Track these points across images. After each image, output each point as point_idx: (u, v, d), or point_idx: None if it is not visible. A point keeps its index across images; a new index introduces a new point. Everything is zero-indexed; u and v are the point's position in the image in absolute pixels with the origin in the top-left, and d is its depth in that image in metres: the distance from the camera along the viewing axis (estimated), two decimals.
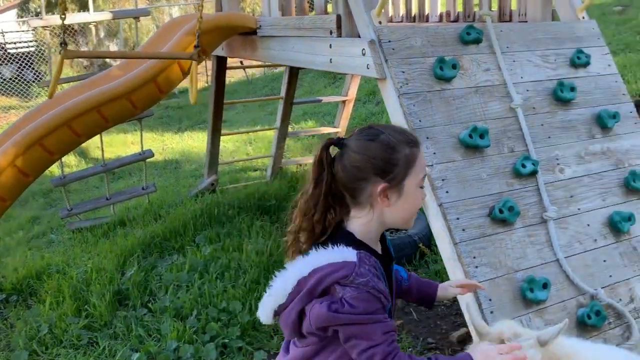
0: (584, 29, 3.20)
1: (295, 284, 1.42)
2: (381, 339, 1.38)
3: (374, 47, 2.54)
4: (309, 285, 1.40)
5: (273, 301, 1.47)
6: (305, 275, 1.41)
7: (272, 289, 1.48)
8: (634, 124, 3.04)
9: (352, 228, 1.49)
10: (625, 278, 2.57)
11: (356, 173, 1.45)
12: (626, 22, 8.60)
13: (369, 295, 1.37)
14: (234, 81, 13.81)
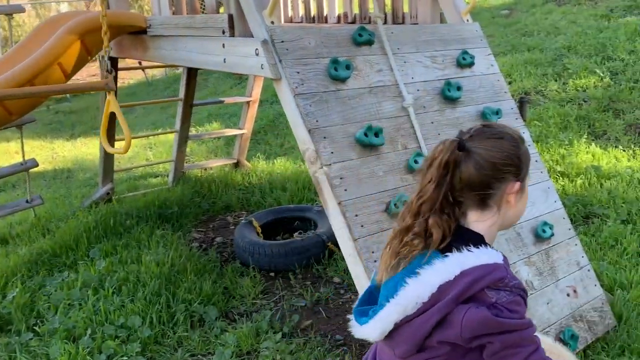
0: (468, 31, 3.40)
1: (434, 291, 1.28)
2: (536, 343, 1.30)
3: (267, 47, 2.55)
4: (457, 290, 1.26)
5: (401, 311, 1.30)
6: (451, 280, 1.27)
7: (400, 297, 1.31)
8: (515, 119, 3.27)
9: (479, 230, 1.39)
10: (511, 262, 2.75)
11: (493, 173, 1.35)
12: (512, 25, 9.23)
13: (521, 299, 1.29)
14: (133, 83, 13.30)
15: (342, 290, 3.71)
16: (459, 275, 1.27)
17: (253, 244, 3.99)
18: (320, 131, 2.51)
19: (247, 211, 5.10)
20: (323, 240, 4.01)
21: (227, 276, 3.87)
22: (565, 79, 6.73)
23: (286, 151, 6.66)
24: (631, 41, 6.98)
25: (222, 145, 7.15)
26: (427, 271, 1.30)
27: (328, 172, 2.44)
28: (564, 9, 9.30)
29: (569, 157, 5.02)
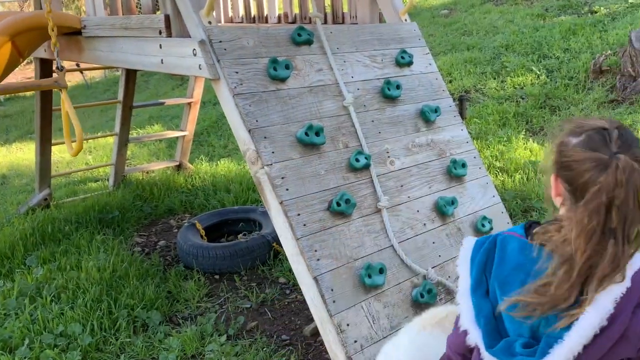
0: (406, 30, 3.45)
1: (612, 310, 1.18)
2: None
3: (205, 48, 2.51)
4: (634, 297, 1.19)
5: (584, 342, 1.19)
6: (624, 291, 1.18)
7: (581, 327, 1.19)
8: (454, 117, 3.34)
9: None
10: (452, 256, 2.82)
11: None
12: (452, 25, 9.46)
13: None
14: (72, 85, 12.86)
15: (287, 290, 3.71)
16: (631, 282, 1.19)
17: (196, 246, 3.93)
18: (261, 131, 2.49)
19: (190, 214, 5.02)
20: (268, 241, 4.00)
21: (170, 280, 3.80)
22: (504, 77, 6.95)
23: (230, 152, 6.60)
24: (565, 39, 7.27)
25: (164, 148, 7.01)
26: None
27: (269, 172, 2.42)
28: (502, 8, 9.61)
29: (508, 153, 5.18)
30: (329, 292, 2.33)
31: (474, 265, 1.39)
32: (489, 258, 1.36)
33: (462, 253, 1.43)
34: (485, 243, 1.39)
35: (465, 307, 1.37)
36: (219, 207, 4.93)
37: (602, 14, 7.88)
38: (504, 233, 1.39)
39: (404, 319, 2.51)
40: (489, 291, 1.36)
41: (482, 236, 1.46)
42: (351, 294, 2.40)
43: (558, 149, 1.28)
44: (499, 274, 1.33)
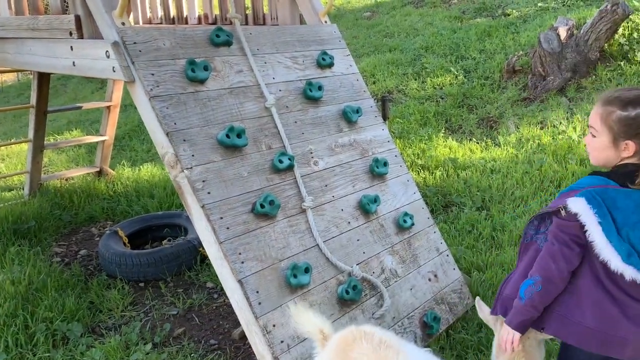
0: (327, 32, 3.50)
1: None
2: None
3: (118, 49, 2.44)
4: None
5: None
6: None
7: None
8: (375, 117, 3.42)
9: None
10: (376, 253, 2.88)
11: None
12: (374, 27, 9.66)
13: None
14: None
15: (215, 294, 3.66)
16: None
17: (119, 254, 3.80)
18: (180, 134, 2.45)
19: (112, 221, 4.85)
20: (194, 246, 3.93)
21: (92, 290, 3.66)
22: (424, 77, 7.18)
23: (153, 157, 6.43)
24: (481, 41, 7.60)
25: (84, 154, 6.74)
26: None
27: (189, 175, 2.39)
28: (421, 11, 9.92)
29: (429, 151, 5.36)
30: (254, 294, 2.33)
31: (604, 218, 1.68)
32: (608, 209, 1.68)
33: (586, 215, 1.69)
34: (596, 199, 1.69)
35: (610, 253, 1.67)
36: (142, 213, 4.79)
37: (515, 16, 8.30)
38: (597, 187, 1.73)
39: (330, 316, 2.55)
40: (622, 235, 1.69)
41: (585, 192, 1.72)
42: (277, 294, 2.40)
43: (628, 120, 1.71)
44: (626, 220, 1.69)
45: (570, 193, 1.75)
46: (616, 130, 1.73)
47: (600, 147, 1.78)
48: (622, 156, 1.75)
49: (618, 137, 1.73)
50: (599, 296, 1.72)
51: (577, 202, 1.69)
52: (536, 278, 1.78)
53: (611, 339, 1.72)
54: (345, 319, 2.62)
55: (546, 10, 8.20)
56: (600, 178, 1.78)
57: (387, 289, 2.82)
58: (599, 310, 1.73)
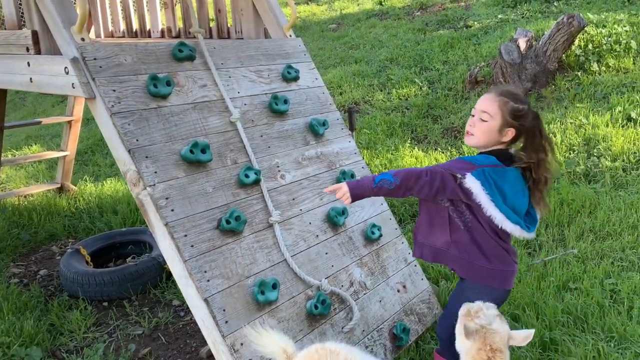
0: (292, 46, 3.49)
1: None
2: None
3: (78, 65, 2.38)
4: None
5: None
6: None
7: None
8: (341, 129, 3.42)
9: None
10: (344, 265, 2.87)
11: None
12: (340, 38, 9.72)
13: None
14: None
15: (182, 312, 3.58)
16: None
17: (81, 273, 3.70)
18: (142, 150, 2.40)
19: (74, 239, 4.72)
20: (159, 263, 3.85)
21: (53, 311, 3.54)
22: (390, 89, 7.25)
23: (116, 171, 6.29)
24: (444, 52, 7.72)
25: (44, 169, 6.56)
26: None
27: (152, 193, 2.33)
28: (386, 23, 10.03)
29: (396, 161, 5.39)
30: (221, 312, 2.28)
31: (490, 190, 2.09)
32: (495, 183, 2.11)
33: (475, 188, 2.08)
34: (488, 180, 2.09)
35: (497, 213, 2.11)
36: (105, 229, 4.68)
37: (476, 28, 8.47)
38: (490, 166, 2.13)
39: (298, 332, 2.52)
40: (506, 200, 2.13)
41: (480, 173, 2.09)
42: (244, 312, 2.36)
43: (517, 111, 2.13)
44: (512, 190, 2.15)
45: (469, 165, 2.13)
46: (507, 118, 2.11)
47: (488, 130, 2.15)
48: (500, 141, 2.17)
49: (506, 124, 2.12)
50: (492, 244, 2.20)
51: (474, 183, 2.08)
52: (396, 181, 2.13)
53: (508, 274, 2.25)
54: (315, 334, 2.59)
55: (506, 22, 8.40)
56: (492, 158, 2.15)
57: (356, 301, 2.81)
58: (495, 255, 2.21)
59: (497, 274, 2.22)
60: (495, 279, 2.23)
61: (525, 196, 2.19)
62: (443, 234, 2.25)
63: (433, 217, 2.29)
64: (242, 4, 3.68)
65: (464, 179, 2.08)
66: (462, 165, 2.16)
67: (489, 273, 2.22)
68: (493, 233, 2.19)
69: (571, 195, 4.21)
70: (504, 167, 2.15)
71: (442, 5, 10.22)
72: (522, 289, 3.29)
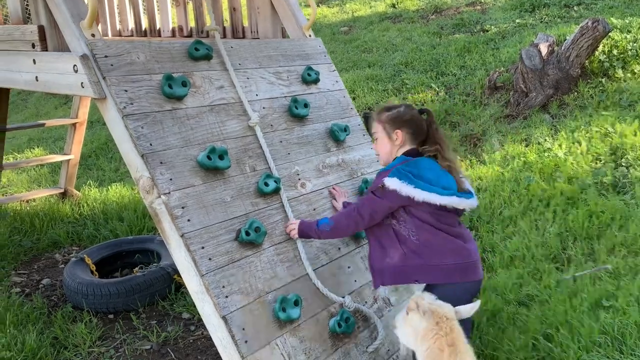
0: (312, 46, 3.31)
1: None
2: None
3: (87, 63, 2.20)
4: None
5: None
6: None
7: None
8: (363, 136, 3.24)
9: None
10: (368, 280, 2.67)
11: None
12: (352, 42, 9.54)
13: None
14: None
15: (192, 326, 3.40)
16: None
17: (86, 284, 3.52)
18: (156, 156, 2.21)
19: (78, 246, 4.55)
20: (168, 273, 3.67)
21: (56, 324, 3.36)
22: (405, 93, 7.06)
23: (122, 176, 6.12)
24: (461, 57, 7.53)
25: (47, 174, 6.38)
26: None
27: (167, 201, 2.15)
28: (399, 26, 9.86)
29: None
30: (240, 331, 2.09)
31: (410, 180, 2.18)
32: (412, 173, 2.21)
33: (396, 184, 2.18)
34: (404, 174, 2.20)
35: (429, 195, 2.17)
36: (111, 237, 4.49)
37: (493, 32, 8.28)
38: (402, 163, 2.28)
39: (321, 353, 2.33)
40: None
41: (395, 172, 2.22)
42: (265, 331, 2.17)
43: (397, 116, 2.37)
44: (434, 174, 2.24)
45: (383, 174, 2.27)
46: (388, 126, 2.35)
47: (382, 144, 2.38)
48: (396, 144, 2.34)
49: (390, 131, 2.34)
50: (441, 239, 2.21)
51: (392, 181, 2.18)
52: (331, 223, 2.34)
53: (468, 265, 2.23)
54: (338, 355, 2.40)
55: (524, 26, 8.21)
56: (400, 157, 2.33)
57: (381, 319, 2.61)
58: (450, 249, 2.21)
59: (456, 268, 2.22)
60: (455, 274, 2.22)
61: (448, 176, 2.26)
62: (396, 250, 2.25)
63: (382, 238, 2.30)
64: (259, 2, 3.50)
65: (384, 185, 2.19)
66: (378, 178, 2.31)
67: (448, 270, 2.21)
68: (438, 225, 2.22)
69: (600, 207, 4.00)
70: (414, 159, 2.28)
71: (458, 9, 10.04)
72: (554, 306, 3.09)
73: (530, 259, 3.63)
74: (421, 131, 2.35)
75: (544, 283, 3.31)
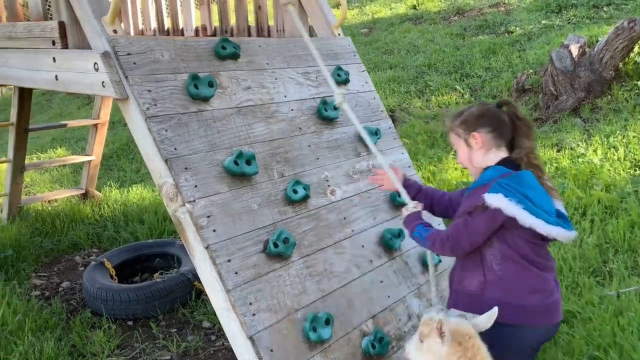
0: (341, 45, 3.17)
1: None
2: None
3: (109, 61, 2.07)
4: None
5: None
6: None
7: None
8: (394, 139, 3.08)
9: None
10: (401, 296, 2.52)
11: None
12: (373, 43, 9.37)
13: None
14: None
15: (213, 336, 3.27)
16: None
17: (106, 289, 3.41)
18: (180, 161, 2.08)
19: (98, 248, 4.45)
20: (188, 279, 3.54)
21: (75, 330, 3.25)
22: (428, 95, 6.88)
23: (142, 177, 6.02)
24: (486, 58, 7.33)
25: (69, 173, 6.32)
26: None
27: (192, 210, 2.02)
28: (421, 27, 9.66)
29: (440, 174, 5.02)
30: (268, 353, 1.95)
31: (518, 199, 1.82)
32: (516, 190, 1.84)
33: (500, 201, 1.82)
34: (509, 190, 1.83)
35: (536, 221, 1.82)
36: (131, 240, 4.39)
37: (518, 34, 8.05)
38: (503, 176, 1.88)
39: None
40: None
41: (497, 187, 1.84)
42: (294, 352, 2.03)
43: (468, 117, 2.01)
44: (537, 193, 1.88)
45: (482, 189, 1.89)
46: (461, 132, 2.01)
47: (464, 155, 2.03)
48: (478, 151, 1.98)
49: (466, 136, 1.99)
50: (528, 273, 1.90)
51: (497, 198, 1.82)
52: (425, 243, 2.06)
53: (551, 305, 1.93)
54: None
55: (551, 27, 7.97)
56: (499, 168, 1.94)
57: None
58: (535, 286, 1.91)
59: (541, 308, 1.93)
60: (538, 315, 1.92)
61: (548, 197, 1.93)
62: (477, 275, 1.97)
63: (465, 262, 2.02)
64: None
65: (485, 202, 1.83)
66: (473, 195, 1.94)
67: (531, 311, 1.92)
68: (531, 258, 1.92)
69: None
70: (515, 172, 1.93)
71: (481, 10, 9.82)
72: (599, 325, 2.90)
73: (567, 271, 3.44)
74: (505, 128, 1.97)
75: (585, 299, 3.12)
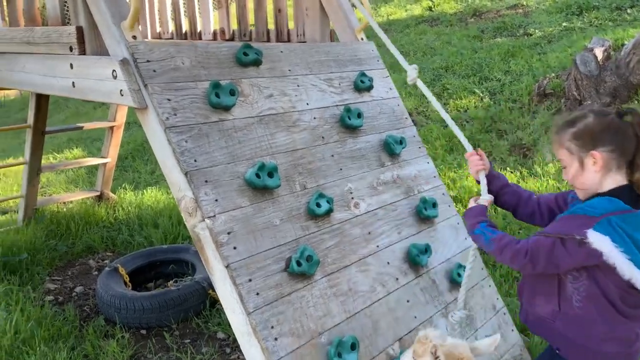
0: (364, 50, 3.06)
1: None
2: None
3: (128, 68, 1.98)
4: None
5: None
6: None
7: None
8: (419, 149, 2.97)
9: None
10: (428, 316, 2.41)
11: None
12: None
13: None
14: None
15: (227, 348, 3.18)
16: None
17: (119, 297, 3.33)
18: (201, 173, 1.99)
19: (112, 252, 4.38)
20: (203, 288, 3.46)
21: (88, 339, 3.18)
22: (446, 99, 6.75)
23: (157, 179, 5.96)
24: (505, 61, 7.18)
25: (84, 174, 6.28)
26: None
27: (212, 226, 1.92)
28: (437, 29, 9.52)
29: (460, 181, 4.90)
30: None
31: (626, 247, 1.59)
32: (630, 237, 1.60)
33: (605, 246, 1.58)
34: (618, 233, 1.59)
35: (638, 275, 1.58)
36: (145, 244, 4.32)
37: (538, 36, 7.90)
38: (615, 213, 1.61)
39: None
40: None
41: (606, 226, 1.59)
42: None
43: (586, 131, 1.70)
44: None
45: (587, 220, 1.63)
46: (575, 148, 1.71)
47: (576, 174, 1.74)
48: (596, 172, 1.69)
49: (583, 154, 1.70)
50: (611, 321, 1.70)
51: (602, 240, 1.59)
52: (490, 247, 1.84)
53: (631, 354, 1.74)
54: None
55: (572, 30, 7.80)
56: (615, 201, 1.65)
57: None
58: (615, 333, 1.72)
59: (617, 357, 1.75)
60: None
61: None
62: (550, 302, 1.80)
63: (538, 281, 1.84)
64: (308, 2, 3.26)
65: (586, 239, 1.59)
66: (575, 221, 1.66)
67: (602, 357, 1.74)
68: (619, 306, 1.70)
69: None
70: (635, 211, 1.64)
71: (499, 12, 9.66)
72: None
73: None
74: (629, 144, 1.66)
75: None
